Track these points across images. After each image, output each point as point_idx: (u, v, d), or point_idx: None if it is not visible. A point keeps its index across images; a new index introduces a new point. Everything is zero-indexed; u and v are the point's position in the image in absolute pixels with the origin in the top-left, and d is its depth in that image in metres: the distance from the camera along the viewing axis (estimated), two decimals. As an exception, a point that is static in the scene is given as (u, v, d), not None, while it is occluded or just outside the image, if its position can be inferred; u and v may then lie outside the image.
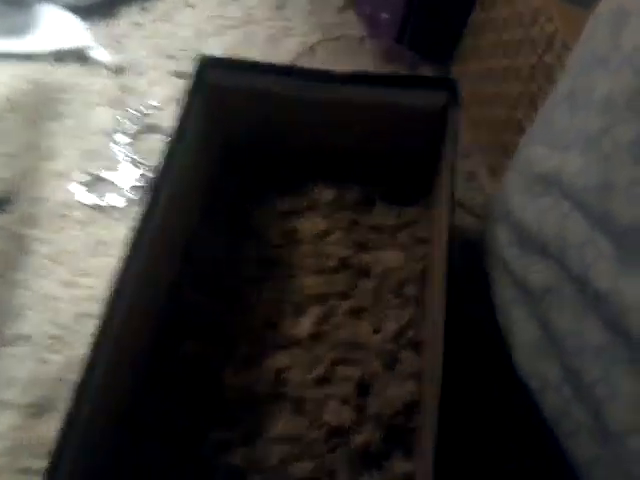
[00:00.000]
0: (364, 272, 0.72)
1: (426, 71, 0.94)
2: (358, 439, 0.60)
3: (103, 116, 0.92)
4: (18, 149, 0.87)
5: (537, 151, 0.60)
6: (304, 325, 0.68)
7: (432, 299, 0.62)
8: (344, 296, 0.70)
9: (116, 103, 0.94)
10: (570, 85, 0.55)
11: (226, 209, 0.77)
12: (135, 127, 0.91)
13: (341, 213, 0.76)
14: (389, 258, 0.72)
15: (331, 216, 0.76)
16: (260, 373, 0.64)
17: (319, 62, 0.90)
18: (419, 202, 0.77)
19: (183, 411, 0.62)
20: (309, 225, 0.75)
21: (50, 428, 0.66)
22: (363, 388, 0.64)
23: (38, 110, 0.91)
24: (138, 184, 0.85)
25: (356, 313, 0.69)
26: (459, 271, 0.58)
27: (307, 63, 0.90)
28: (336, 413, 0.62)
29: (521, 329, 0.58)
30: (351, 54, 0.93)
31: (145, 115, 0.92)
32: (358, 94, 0.69)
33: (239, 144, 0.77)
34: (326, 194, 0.77)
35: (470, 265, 0.68)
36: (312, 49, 0.87)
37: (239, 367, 0.65)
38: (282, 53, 0.98)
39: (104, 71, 0.97)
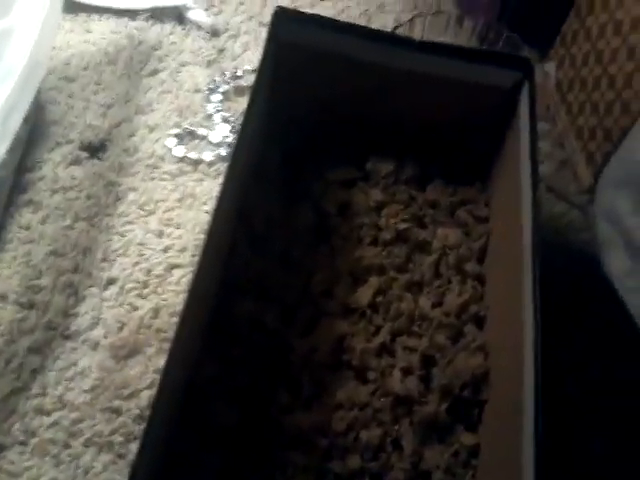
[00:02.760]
0: (421, 247, 0.72)
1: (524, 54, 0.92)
2: (425, 410, 0.60)
3: (197, 75, 0.94)
4: (114, 100, 0.90)
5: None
6: (363, 295, 0.67)
7: (514, 279, 0.61)
8: (402, 269, 0.70)
9: (210, 64, 0.96)
10: None
11: (277, 173, 0.76)
12: (227, 87, 0.93)
13: (397, 187, 0.76)
14: (448, 234, 0.72)
15: (388, 189, 0.75)
16: (322, 339, 0.64)
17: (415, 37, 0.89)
18: (474, 184, 0.77)
19: (246, 370, 0.62)
20: (364, 196, 0.75)
21: (135, 371, 0.68)
22: (428, 359, 0.64)
23: (134, 65, 0.94)
24: (227, 140, 0.87)
25: (415, 286, 0.69)
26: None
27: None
28: (402, 383, 0.62)
29: (637, 302, 0.57)
30: (447, 33, 0.92)
31: (238, 77, 0.94)
32: (429, 64, 0.68)
33: (300, 106, 0.75)
34: (383, 166, 0.76)
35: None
36: (411, 22, 0.86)
37: (302, 331, 0.65)
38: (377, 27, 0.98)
39: (199, 32, 1.00)
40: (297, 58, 0.71)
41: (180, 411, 0.59)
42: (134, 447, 0.62)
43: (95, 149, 0.85)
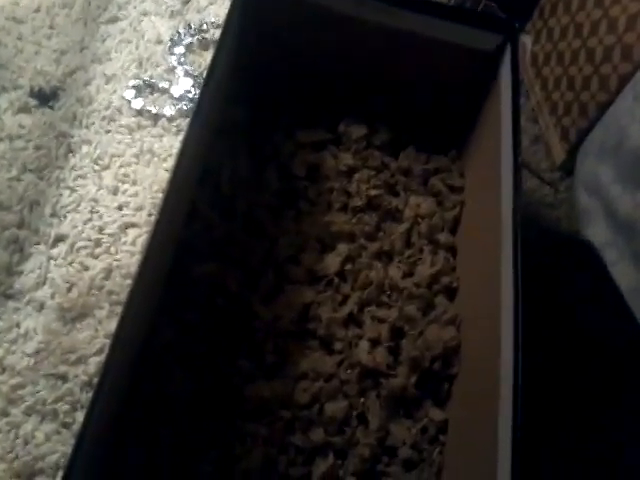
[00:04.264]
0: (393, 215, 0.69)
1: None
2: (393, 383, 0.58)
3: (159, 26, 0.89)
4: (68, 46, 0.84)
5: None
6: (331, 262, 0.64)
7: (491, 252, 0.59)
8: (372, 237, 0.67)
9: (174, 15, 0.91)
10: None
11: (244, 131, 0.71)
12: (191, 40, 0.88)
13: (369, 152, 0.72)
14: (420, 203, 0.69)
15: (359, 153, 0.72)
16: (286, 306, 0.61)
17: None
18: (449, 152, 0.74)
19: (204, 336, 0.58)
20: (335, 160, 0.71)
21: (83, 335, 0.63)
22: (397, 331, 0.61)
23: (91, 11, 0.88)
24: (190, 95, 0.82)
25: (385, 255, 0.66)
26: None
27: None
28: (370, 354, 0.59)
29: (619, 273, 0.55)
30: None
31: (203, 30, 0.89)
32: (407, 20, 0.64)
33: (269, 62, 0.71)
34: (356, 130, 0.72)
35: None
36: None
37: (265, 297, 0.61)
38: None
39: (164, -19, 0.94)
40: (267, 10, 0.66)
41: (131, 379, 0.54)
42: (81, 416, 0.58)
43: (46, 97, 0.79)
